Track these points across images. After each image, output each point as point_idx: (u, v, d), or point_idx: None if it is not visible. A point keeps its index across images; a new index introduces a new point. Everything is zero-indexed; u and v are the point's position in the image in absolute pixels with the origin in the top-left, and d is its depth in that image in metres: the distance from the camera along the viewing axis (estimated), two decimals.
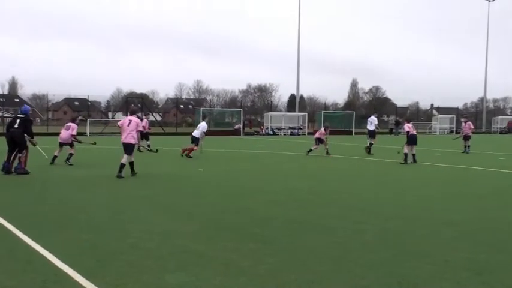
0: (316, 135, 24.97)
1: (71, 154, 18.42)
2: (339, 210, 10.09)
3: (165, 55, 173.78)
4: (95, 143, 21.82)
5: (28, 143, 15.38)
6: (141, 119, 25.65)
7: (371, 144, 25.91)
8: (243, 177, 15.64)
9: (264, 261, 6.34)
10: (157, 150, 24.54)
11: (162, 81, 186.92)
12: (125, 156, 14.78)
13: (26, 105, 15.69)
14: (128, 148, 14.83)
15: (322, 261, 6.36)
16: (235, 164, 20.21)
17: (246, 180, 14.99)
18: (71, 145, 18.62)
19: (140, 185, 13.44)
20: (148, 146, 25.27)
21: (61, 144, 18.78)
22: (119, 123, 15.54)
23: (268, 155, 25.39)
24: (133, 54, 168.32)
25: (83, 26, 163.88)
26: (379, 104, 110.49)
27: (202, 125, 23.08)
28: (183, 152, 22.55)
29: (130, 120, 15.01)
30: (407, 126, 20.26)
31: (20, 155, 15.00)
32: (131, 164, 15.09)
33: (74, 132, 18.61)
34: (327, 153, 24.05)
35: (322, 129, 25.46)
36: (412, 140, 19.77)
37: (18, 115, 15.37)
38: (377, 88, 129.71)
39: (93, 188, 12.93)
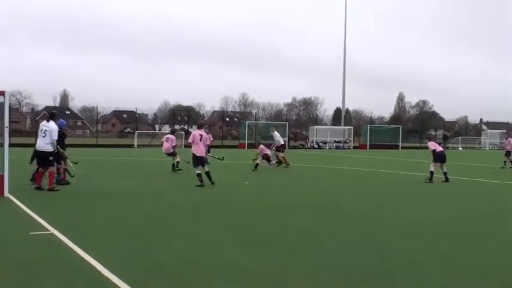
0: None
1: (178, 162, 20.69)
2: (382, 225, 10.01)
3: (211, 68, 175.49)
4: (222, 158, 22.01)
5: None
6: (207, 133, 26.29)
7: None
8: (288, 191, 15.62)
9: (309, 275, 6.35)
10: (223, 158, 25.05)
11: (208, 94, 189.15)
12: (200, 167, 15.74)
13: (61, 119, 15.86)
14: (202, 160, 15.83)
15: (366, 278, 6.33)
16: (280, 177, 20.21)
17: (290, 193, 14.98)
18: (174, 154, 20.80)
19: (186, 197, 13.61)
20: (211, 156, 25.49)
21: (168, 154, 21.02)
22: (189, 139, 16.19)
23: (314, 169, 25.32)
24: (180, 67, 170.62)
25: (131, 40, 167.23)
26: (426, 118, 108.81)
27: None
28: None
29: (201, 135, 15.95)
30: (432, 144, 19.56)
31: (58, 166, 15.12)
32: (208, 173, 15.79)
33: (174, 143, 21.19)
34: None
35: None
36: (440, 158, 19.07)
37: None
38: (424, 102, 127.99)
39: (139, 199, 13.17)
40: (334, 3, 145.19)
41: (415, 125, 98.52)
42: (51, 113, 15.23)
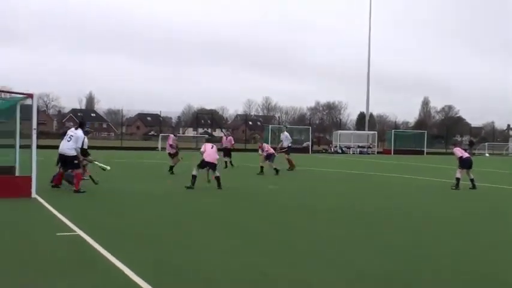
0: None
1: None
2: (408, 231, 9.93)
3: (234, 72, 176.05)
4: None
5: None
6: (227, 136, 26.53)
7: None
8: (310, 196, 15.58)
9: (327, 280, 6.33)
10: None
11: (231, 97, 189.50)
12: (200, 170, 15.93)
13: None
14: (211, 165, 16.00)
15: (393, 286, 6.29)
16: (303, 182, 20.18)
17: (312, 198, 14.93)
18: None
19: (208, 201, 13.66)
20: (230, 162, 25.61)
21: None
22: (201, 150, 16.42)
23: (337, 174, 25.22)
24: (204, 71, 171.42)
25: (155, 44, 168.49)
26: (452, 123, 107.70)
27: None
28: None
29: (213, 146, 16.48)
30: (458, 150, 19.23)
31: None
32: (217, 178, 15.97)
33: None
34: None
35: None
36: (466, 164, 18.77)
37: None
38: (450, 107, 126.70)
39: (163, 201, 13.29)
40: (358, 7, 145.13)
41: (440, 131, 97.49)
42: (81, 122, 15.48)
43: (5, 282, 5.99)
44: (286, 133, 26.19)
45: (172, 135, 22.85)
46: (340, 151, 57.54)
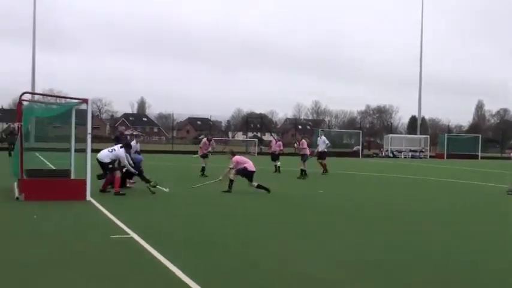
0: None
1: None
2: (461, 238, 9.72)
3: (284, 76, 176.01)
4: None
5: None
6: (277, 141, 26.42)
7: None
8: (362, 201, 15.41)
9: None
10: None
11: (281, 101, 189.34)
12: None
13: (139, 156, 16.42)
14: (252, 175, 15.93)
15: None
16: (354, 187, 20.00)
17: (363, 203, 14.77)
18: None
19: (259, 204, 13.69)
20: (278, 167, 25.51)
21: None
22: (239, 161, 16.15)
23: (389, 179, 24.87)
24: (253, 75, 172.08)
25: (205, 49, 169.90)
26: (507, 127, 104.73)
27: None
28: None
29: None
30: None
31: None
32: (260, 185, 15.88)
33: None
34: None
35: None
36: None
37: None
38: (505, 110, 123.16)
39: (215, 205, 13.36)
40: (409, 9, 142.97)
41: (495, 135, 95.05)
42: (116, 137, 15.79)
43: (61, 284, 6.13)
44: (323, 137, 25.91)
45: (204, 139, 23.42)
46: (391, 155, 56.74)
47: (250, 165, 16.00)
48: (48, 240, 8.48)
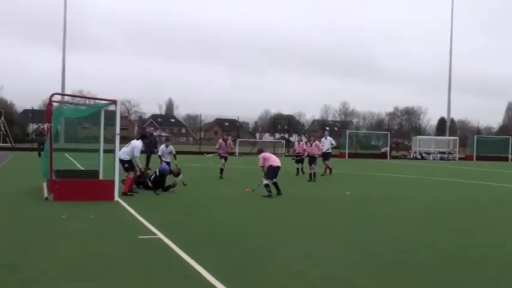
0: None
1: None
2: (490, 240, 9.53)
3: (311, 77, 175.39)
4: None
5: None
6: (299, 142, 25.85)
7: None
8: (389, 202, 15.25)
9: None
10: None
11: (308, 103, 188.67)
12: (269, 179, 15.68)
13: (164, 166, 16.61)
14: (278, 172, 15.81)
15: None
16: (382, 189, 19.80)
17: (392, 205, 14.61)
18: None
19: (286, 206, 13.64)
20: (301, 169, 25.29)
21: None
22: (265, 157, 16.07)
23: (417, 180, 24.59)
24: (281, 76, 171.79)
25: (232, 49, 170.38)
26: None
27: None
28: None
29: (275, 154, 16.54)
30: None
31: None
32: (276, 184, 15.71)
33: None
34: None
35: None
36: None
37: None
38: None
39: (241, 207, 13.36)
40: (439, 9, 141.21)
41: None
42: (142, 135, 16.06)
43: (89, 284, 6.16)
44: (329, 138, 25.62)
45: (220, 139, 22.63)
46: (419, 157, 56.15)
47: (274, 159, 15.91)
48: (76, 241, 8.54)
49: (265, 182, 15.54)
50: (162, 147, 18.40)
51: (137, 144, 15.07)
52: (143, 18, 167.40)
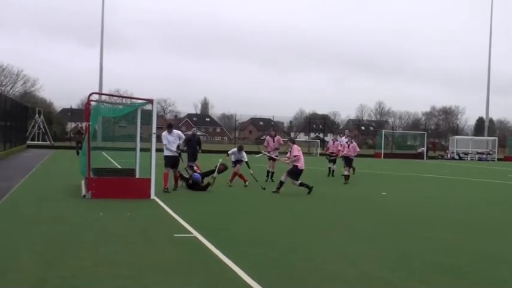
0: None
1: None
2: None
3: (347, 76, 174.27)
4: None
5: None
6: (334, 141, 25.44)
7: None
8: (427, 203, 15.05)
9: None
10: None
11: (343, 102, 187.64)
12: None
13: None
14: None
15: None
16: (418, 189, 19.55)
17: (429, 206, 14.41)
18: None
19: (319, 206, 13.58)
20: (333, 170, 25.04)
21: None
22: (297, 153, 16.04)
23: (455, 181, 24.21)
24: (316, 76, 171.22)
25: (268, 49, 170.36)
26: None
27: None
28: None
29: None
30: None
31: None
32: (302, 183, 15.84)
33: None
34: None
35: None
36: None
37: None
38: None
39: (275, 206, 13.33)
40: (478, 7, 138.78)
41: None
42: (169, 124, 16.28)
43: (129, 281, 6.22)
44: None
45: (267, 136, 21.39)
46: (457, 157, 55.31)
47: (303, 161, 15.90)
48: (114, 238, 8.65)
49: (285, 178, 15.71)
50: (234, 149, 18.29)
51: (163, 134, 15.58)
52: (178, 17, 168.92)
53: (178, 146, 15.62)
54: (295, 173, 15.71)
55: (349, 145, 20.97)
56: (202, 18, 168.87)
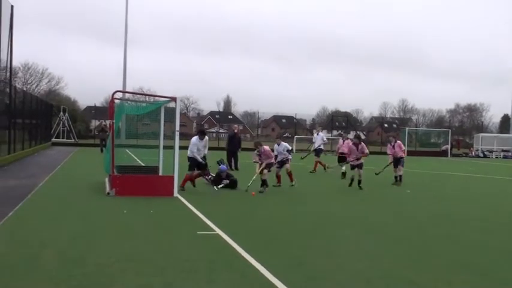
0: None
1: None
2: None
3: (370, 73, 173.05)
4: None
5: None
6: (344, 140, 25.03)
7: None
8: (451, 201, 14.90)
9: None
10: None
11: (367, 100, 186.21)
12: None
13: (222, 166, 16.84)
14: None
15: None
16: (443, 187, 19.37)
17: (453, 204, 14.27)
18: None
19: (343, 204, 13.53)
20: (344, 172, 24.76)
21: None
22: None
23: (480, 179, 23.93)
24: (338, 74, 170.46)
25: (290, 47, 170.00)
26: None
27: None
28: None
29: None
30: None
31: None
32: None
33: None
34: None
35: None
36: None
37: None
38: None
39: (298, 205, 13.29)
40: (503, 4, 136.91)
41: None
42: (200, 130, 16.30)
43: (154, 278, 6.26)
44: (321, 134, 25.16)
45: (340, 139, 21.34)
46: (481, 155, 54.64)
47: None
48: (138, 236, 8.71)
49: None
50: (276, 146, 17.78)
51: (192, 140, 15.56)
52: (202, 17, 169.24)
53: (204, 156, 15.68)
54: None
55: (393, 145, 19.46)
56: (223, 16, 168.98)
